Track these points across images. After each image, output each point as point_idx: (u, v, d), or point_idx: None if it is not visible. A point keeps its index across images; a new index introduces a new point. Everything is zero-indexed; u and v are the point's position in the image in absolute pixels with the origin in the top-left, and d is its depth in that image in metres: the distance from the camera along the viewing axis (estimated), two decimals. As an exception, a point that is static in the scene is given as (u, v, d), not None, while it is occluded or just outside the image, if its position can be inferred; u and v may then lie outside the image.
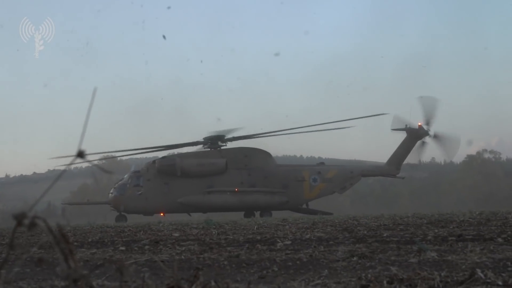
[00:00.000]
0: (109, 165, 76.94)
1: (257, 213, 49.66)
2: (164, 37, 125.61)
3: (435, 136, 50.81)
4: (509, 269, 6.29)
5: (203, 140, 50.95)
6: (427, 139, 51.07)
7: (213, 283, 3.46)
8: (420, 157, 53.88)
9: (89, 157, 2.64)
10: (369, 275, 5.68)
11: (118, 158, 69.19)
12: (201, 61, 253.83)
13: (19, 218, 2.45)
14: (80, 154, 2.52)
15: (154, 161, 50.30)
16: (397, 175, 53.68)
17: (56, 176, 2.89)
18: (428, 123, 50.73)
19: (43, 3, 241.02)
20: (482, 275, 5.36)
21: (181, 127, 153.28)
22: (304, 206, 51.14)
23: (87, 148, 2.60)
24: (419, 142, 51.34)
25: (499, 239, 9.94)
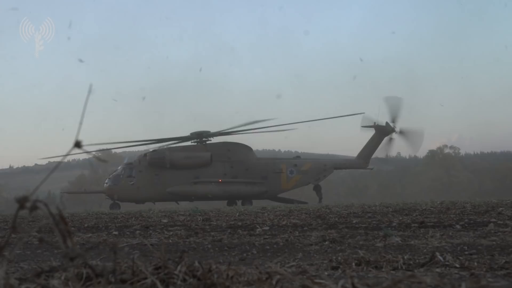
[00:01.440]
0: (104, 157, 76.70)
1: (239, 202, 49.72)
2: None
3: (401, 132, 51.04)
4: (466, 253, 6.33)
5: (190, 135, 50.99)
6: (394, 135, 51.32)
7: (197, 264, 3.46)
8: (388, 152, 54.18)
9: (86, 149, 2.65)
10: (339, 258, 5.70)
11: (113, 151, 68.84)
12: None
13: (21, 201, 2.45)
14: (77, 145, 2.52)
15: (145, 154, 50.30)
16: (366, 168, 54.13)
17: (56, 164, 2.89)
18: (394, 120, 50.96)
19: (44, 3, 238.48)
20: (441, 258, 5.39)
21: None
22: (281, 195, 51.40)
23: (85, 140, 2.61)
24: (386, 138, 51.57)
25: (458, 226, 10.01)
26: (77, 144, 2.51)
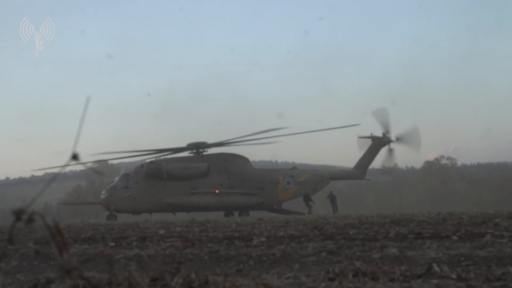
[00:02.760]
0: (101, 168, 76.55)
1: (236, 213, 49.67)
2: None
3: (398, 139, 51.10)
4: (463, 264, 6.32)
5: (187, 146, 50.97)
6: (392, 144, 51.39)
7: (193, 275, 3.46)
8: (394, 161, 54.26)
9: (83, 160, 2.64)
10: (336, 269, 5.69)
11: (109, 162, 68.72)
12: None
13: (18, 214, 2.45)
14: (75, 157, 2.52)
15: (142, 165, 50.27)
16: (363, 178, 54.25)
17: (53, 176, 2.89)
18: (387, 131, 51.10)
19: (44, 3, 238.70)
20: (438, 269, 5.39)
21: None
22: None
23: (84, 151, 2.61)
24: (387, 149, 51.57)
25: (454, 237, 10.00)
26: (75, 157, 2.51)
